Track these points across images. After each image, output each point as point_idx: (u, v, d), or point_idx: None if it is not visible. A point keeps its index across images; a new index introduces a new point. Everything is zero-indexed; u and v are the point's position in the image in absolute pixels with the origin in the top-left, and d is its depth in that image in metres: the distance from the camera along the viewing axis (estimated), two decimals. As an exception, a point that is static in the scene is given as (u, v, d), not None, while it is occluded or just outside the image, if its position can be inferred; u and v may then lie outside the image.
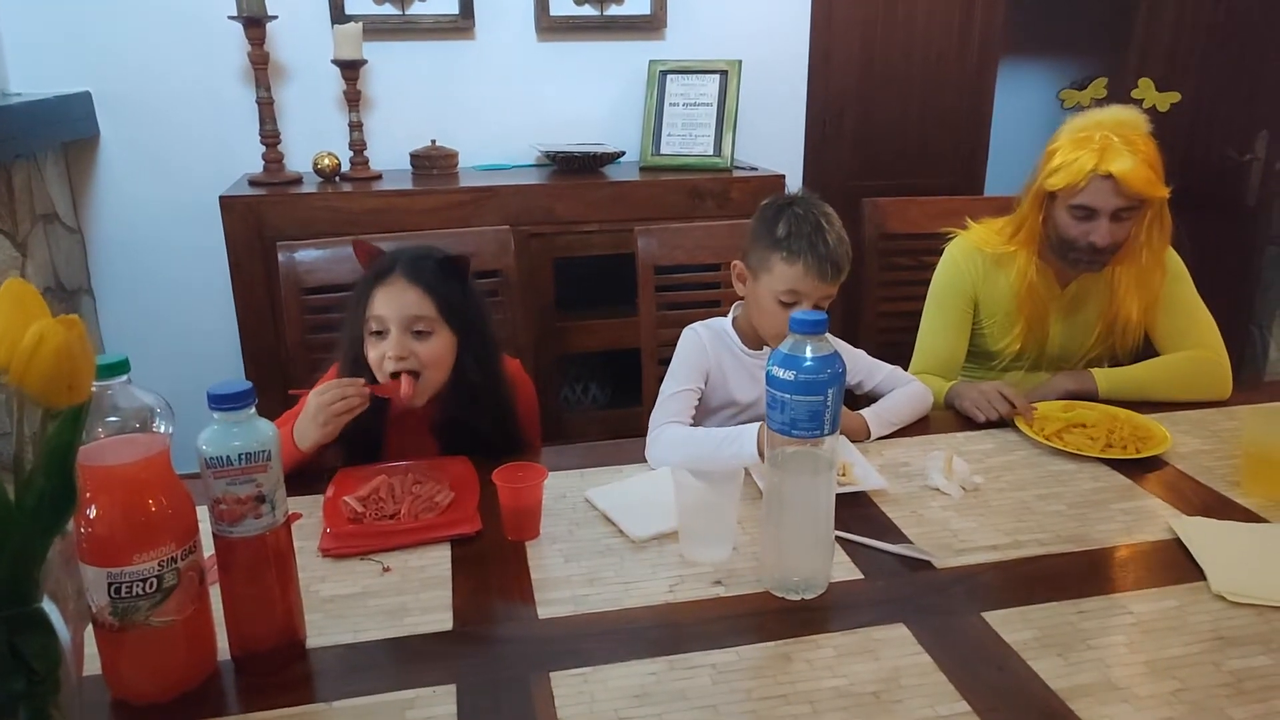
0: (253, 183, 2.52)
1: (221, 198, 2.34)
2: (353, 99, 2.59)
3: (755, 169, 2.74)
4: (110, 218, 2.68)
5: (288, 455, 1.26)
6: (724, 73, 2.75)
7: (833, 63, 3.02)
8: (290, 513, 1.23)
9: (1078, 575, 1.10)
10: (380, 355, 1.34)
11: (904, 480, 1.34)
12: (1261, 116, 2.82)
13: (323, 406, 1.26)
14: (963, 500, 1.28)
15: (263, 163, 2.56)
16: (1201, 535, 1.16)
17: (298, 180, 2.58)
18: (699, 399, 1.47)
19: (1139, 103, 2.24)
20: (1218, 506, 1.26)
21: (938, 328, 1.76)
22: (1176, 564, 1.12)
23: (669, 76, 2.79)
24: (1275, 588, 1.04)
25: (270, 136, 2.55)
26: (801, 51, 2.97)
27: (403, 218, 2.44)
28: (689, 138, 2.76)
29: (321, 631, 0.99)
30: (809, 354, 0.98)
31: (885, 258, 2.15)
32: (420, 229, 2.39)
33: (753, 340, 1.51)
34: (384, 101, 2.75)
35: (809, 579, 1.06)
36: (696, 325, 1.53)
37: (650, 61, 2.81)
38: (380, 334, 1.35)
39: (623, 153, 2.74)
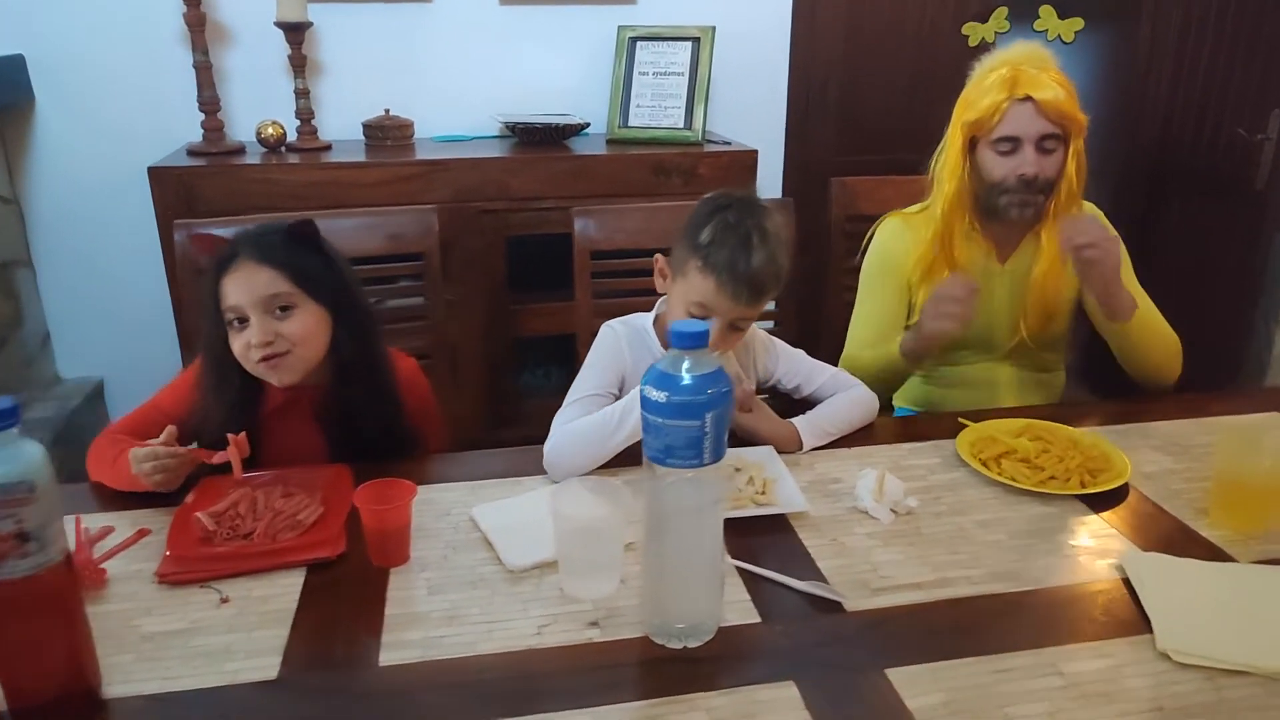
0: (191, 152, 2.39)
1: (150, 169, 2.21)
2: (298, 64, 2.44)
3: (729, 143, 2.58)
4: (49, 187, 2.56)
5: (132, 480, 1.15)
6: (696, 40, 2.58)
7: (817, 30, 2.84)
8: (140, 529, 1.13)
9: (1006, 624, 0.96)
10: (245, 345, 1.21)
11: (830, 501, 1.20)
12: (1276, 93, 2.62)
13: (142, 475, 1.13)
14: (892, 526, 1.14)
15: (201, 131, 2.42)
16: (1154, 576, 1.02)
17: (239, 150, 2.44)
18: (610, 403, 1.33)
19: (1043, 34, 2.20)
20: (1179, 540, 1.11)
21: (868, 310, 1.65)
22: (1121, 611, 0.98)
23: (639, 44, 2.63)
24: (1228, 646, 0.90)
25: (209, 104, 2.41)
26: (783, 18, 2.79)
27: (346, 191, 2.31)
28: (658, 109, 2.60)
29: (128, 677, 0.87)
30: (686, 372, 0.84)
31: (853, 241, 1.98)
32: (366, 203, 2.27)
33: None
34: (335, 68, 2.60)
35: (694, 625, 0.92)
36: (614, 322, 1.39)
37: (619, 27, 2.64)
38: (242, 322, 1.21)
39: (587, 124, 2.59)
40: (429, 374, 1.71)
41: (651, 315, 1.38)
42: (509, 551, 1.06)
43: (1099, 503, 1.19)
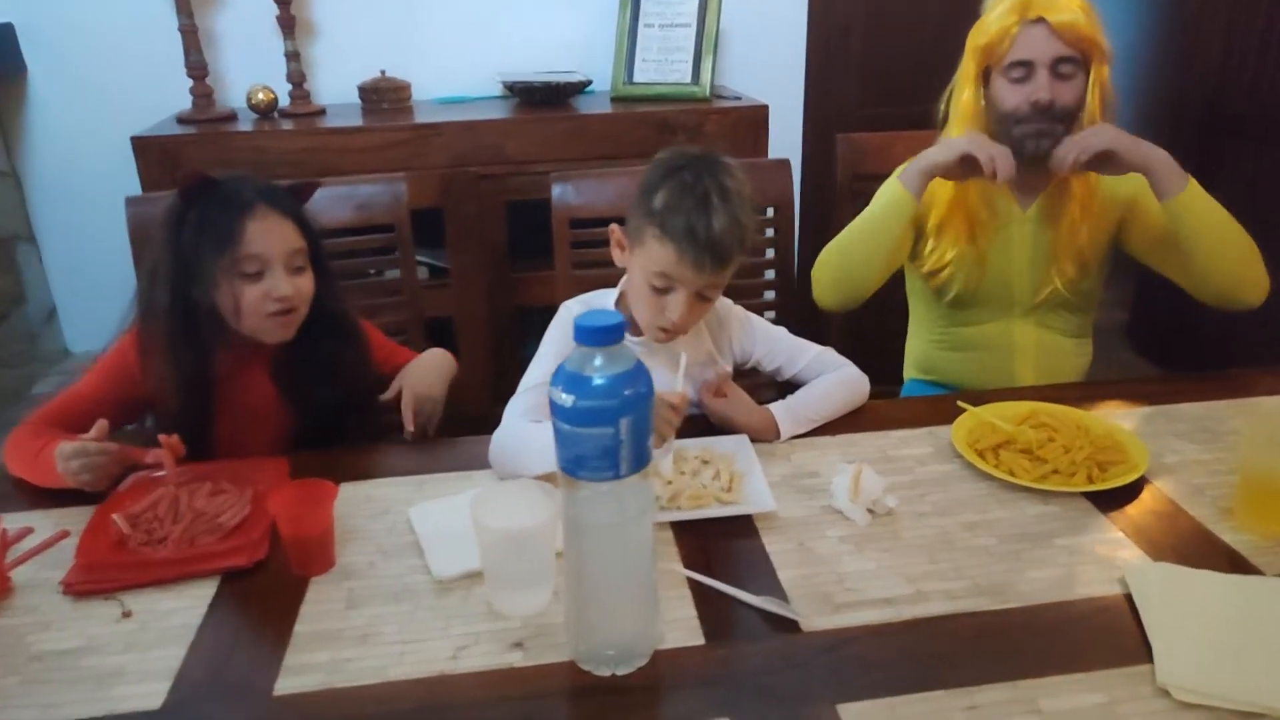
0: (181, 120, 2.32)
1: (134, 139, 2.14)
2: (288, 26, 2.35)
3: (739, 98, 2.43)
4: (47, 160, 2.52)
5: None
6: (704, -13, 2.42)
7: (838, -28, 2.65)
8: (60, 530, 1.07)
9: (983, 650, 0.84)
10: (258, 297, 1.17)
11: (803, 498, 1.08)
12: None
13: (68, 474, 1.07)
14: (867, 529, 1.02)
15: (190, 98, 2.35)
16: (1161, 592, 0.89)
17: (231, 117, 2.36)
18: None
19: None
20: (1197, 546, 0.98)
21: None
22: (1119, 636, 0.85)
23: (644, -7, 2.47)
24: (1239, 682, 0.78)
25: (196, 69, 2.32)
26: (801, -40, 2.61)
27: (337, 159, 2.22)
28: (664, 64, 2.45)
29: (8, 703, 0.81)
30: (597, 372, 0.73)
31: (861, 203, 1.84)
32: (358, 170, 2.16)
33: (636, 323, 1.26)
34: (328, 28, 2.50)
35: (624, 650, 0.83)
36: (572, 302, 1.28)
37: (623, -24, 2.49)
38: (257, 274, 1.17)
39: (589, 82, 2.45)
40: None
41: (615, 292, 1.26)
42: (438, 559, 0.97)
43: (1107, 501, 1.05)
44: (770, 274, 1.76)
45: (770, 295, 1.74)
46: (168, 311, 1.17)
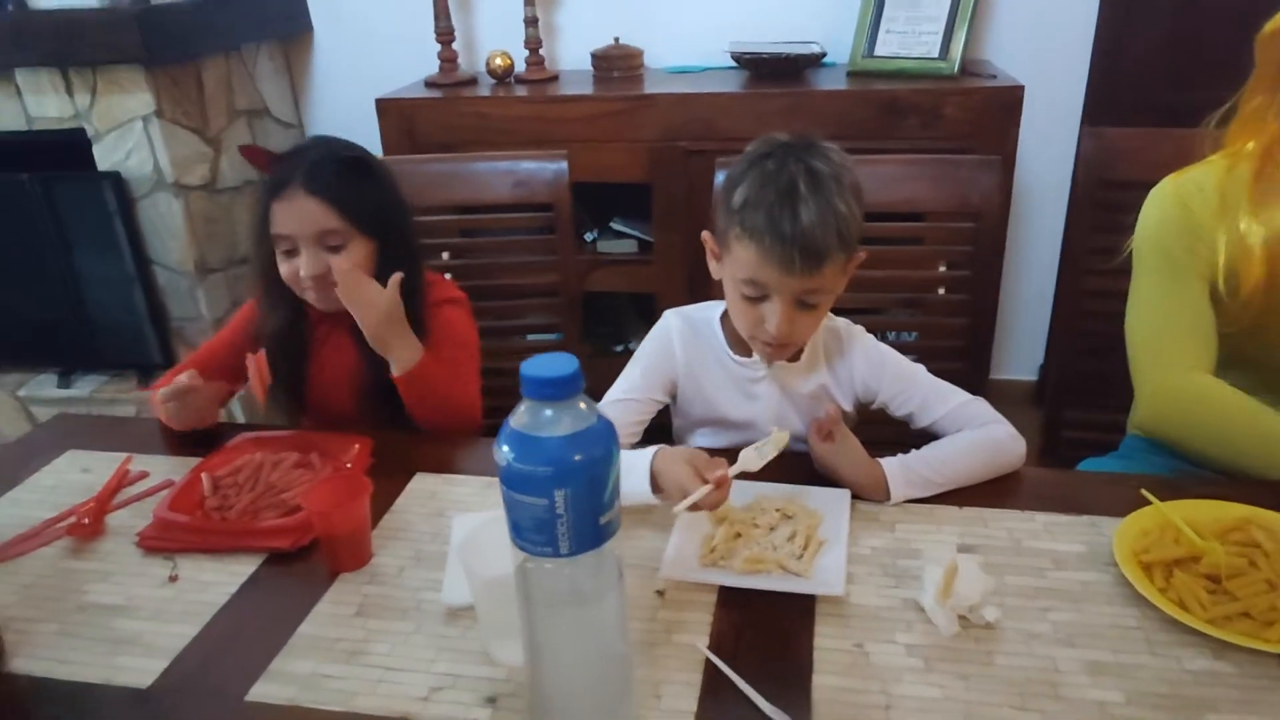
0: (428, 84, 2.43)
1: (377, 101, 2.28)
2: (529, -10, 2.37)
3: (994, 77, 2.10)
4: (327, 114, 2.76)
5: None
6: (968, -54, 2.11)
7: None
8: (166, 480, 1.14)
9: None
10: (293, 273, 1.20)
11: (887, 584, 0.89)
12: None
13: (167, 414, 1.17)
14: (951, 641, 0.82)
15: (438, 62, 2.45)
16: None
17: (471, 82, 2.44)
18: (652, 411, 1.11)
19: None
20: None
21: (1157, 296, 1.13)
22: None
23: (899, -46, 2.21)
24: None
25: (444, 34, 2.42)
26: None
27: (548, 127, 2.23)
28: (910, 35, 2.19)
29: (34, 653, 0.86)
30: (539, 431, 0.62)
31: (1105, 214, 1.51)
32: (569, 139, 2.17)
33: (743, 342, 1.10)
34: (569, -7, 2.49)
35: (585, 739, 0.72)
36: (673, 312, 1.15)
37: (877, -65, 2.24)
38: (291, 252, 1.20)
39: (823, 54, 2.25)
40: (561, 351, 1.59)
41: (722, 305, 1.12)
42: (453, 582, 0.91)
43: (1313, 672, 0.76)
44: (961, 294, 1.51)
45: (958, 319, 1.49)
46: (258, 274, 1.26)
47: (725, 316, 1.12)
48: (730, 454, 0.94)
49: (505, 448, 0.62)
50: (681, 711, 0.76)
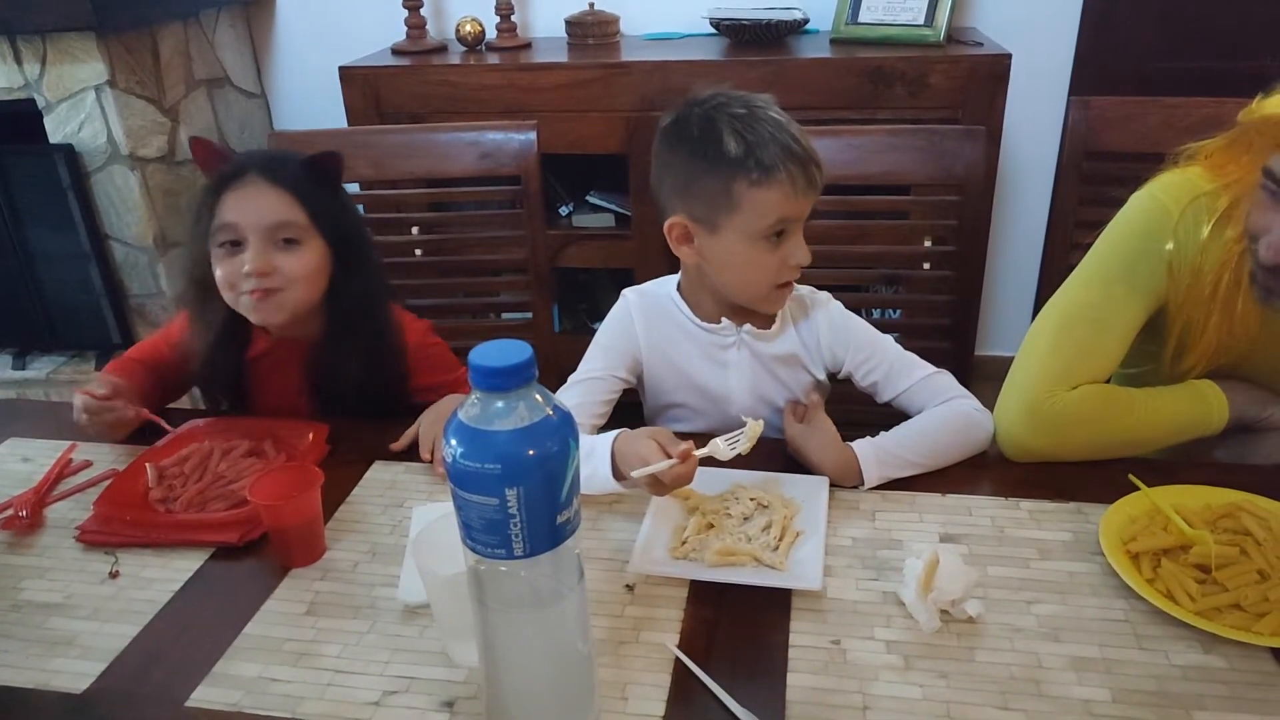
0: (395, 51, 2.35)
1: (341, 69, 2.20)
2: (499, -46, 2.29)
3: (981, 45, 2.05)
4: (291, 83, 2.67)
5: None
6: (953, -92, 2.05)
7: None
8: (111, 469, 1.08)
9: None
10: (234, 272, 1.06)
11: (867, 576, 0.86)
12: None
13: (79, 424, 1.08)
14: (932, 638, 0.78)
15: (405, 29, 2.37)
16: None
17: (440, 49, 2.36)
18: (618, 390, 1.07)
19: None
20: None
21: (1097, 301, 1.02)
22: None
23: (882, -84, 2.14)
24: None
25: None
26: None
27: (521, 97, 2.15)
28: (896, 2, 2.13)
29: (-34, 655, 0.81)
30: (489, 424, 0.57)
31: (1092, 188, 1.47)
32: (542, 109, 2.11)
33: (709, 310, 1.07)
34: (541, -43, 2.41)
35: (545, 747, 0.68)
36: (630, 290, 1.10)
37: (861, -104, 2.17)
38: (235, 245, 1.06)
39: (805, 20, 2.19)
40: (530, 331, 1.54)
41: (675, 278, 1.09)
42: (410, 578, 0.86)
43: (1305, 664, 0.73)
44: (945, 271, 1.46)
45: (943, 296, 1.45)
46: (191, 282, 1.14)
47: (680, 288, 1.08)
48: (701, 440, 0.89)
49: (453, 442, 0.57)
50: (648, 715, 0.72)
